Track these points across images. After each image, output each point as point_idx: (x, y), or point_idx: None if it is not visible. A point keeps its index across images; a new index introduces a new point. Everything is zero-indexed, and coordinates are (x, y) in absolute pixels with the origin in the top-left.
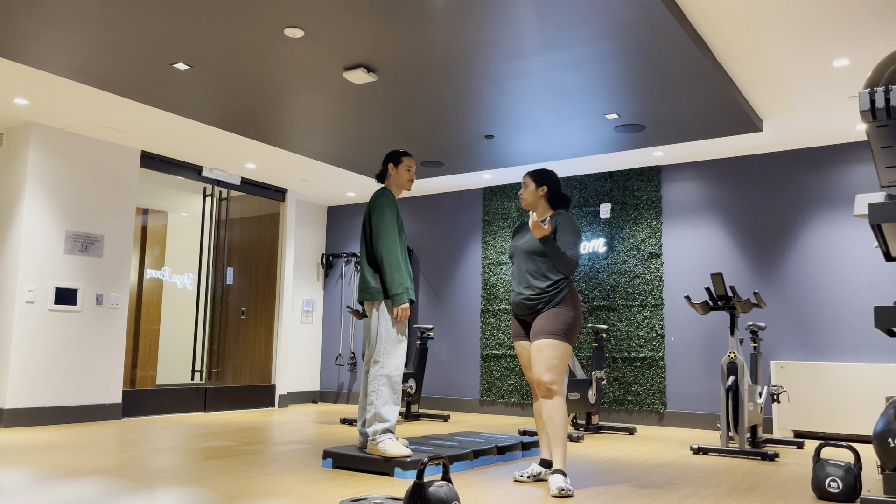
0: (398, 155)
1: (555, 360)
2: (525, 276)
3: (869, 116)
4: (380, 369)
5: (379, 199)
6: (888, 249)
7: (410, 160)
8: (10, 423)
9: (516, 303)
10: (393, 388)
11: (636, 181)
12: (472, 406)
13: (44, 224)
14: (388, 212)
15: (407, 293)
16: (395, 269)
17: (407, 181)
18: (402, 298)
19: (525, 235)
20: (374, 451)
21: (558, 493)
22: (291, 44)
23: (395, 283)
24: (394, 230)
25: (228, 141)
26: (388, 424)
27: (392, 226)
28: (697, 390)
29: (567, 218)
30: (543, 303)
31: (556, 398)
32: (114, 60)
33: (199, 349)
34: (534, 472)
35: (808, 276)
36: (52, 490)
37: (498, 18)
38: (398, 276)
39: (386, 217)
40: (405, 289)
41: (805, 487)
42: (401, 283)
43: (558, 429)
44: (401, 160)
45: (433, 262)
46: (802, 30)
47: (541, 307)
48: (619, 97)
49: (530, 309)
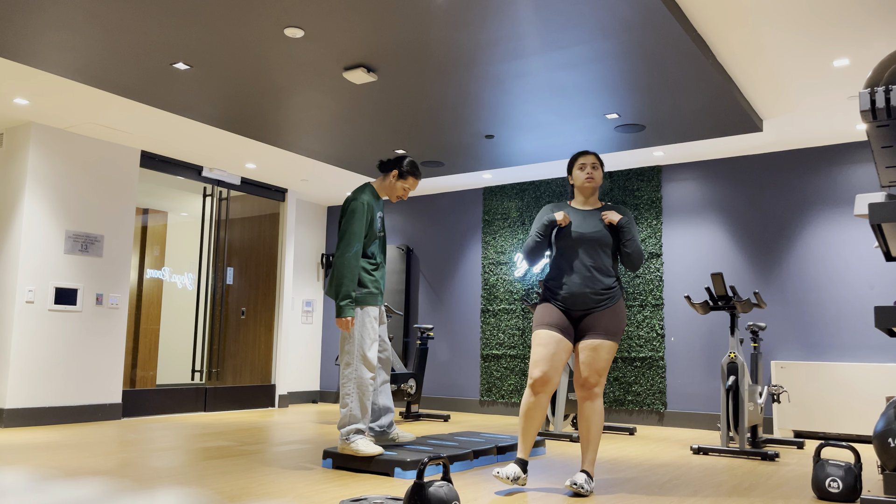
0: (410, 172)
1: (609, 362)
2: (587, 268)
3: (869, 116)
4: (352, 371)
5: (352, 204)
6: (888, 249)
7: (415, 183)
8: (10, 423)
9: (576, 294)
10: (365, 391)
11: (636, 181)
12: (472, 406)
13: (44, 224)
14: (356, 221)
15: (351, 307)
16: (344, 279)
17: (396, 196)
18: (345, 312)
19: (587, 222)
20: (345, 450)
21: (573, 486)
22: (291, 44)
23: (340, 294)
24: (356, 240)
25: (228, 141)
26: (360, 425)
27: (355, 235)
28: (698, 390)
29: (623, 208)
30: (609, 299)
31: (599, 400)
32: (114, 60)
33: (199, 349)
34: (514, 474)
35: (808, 276)
36: (52, 490)
37: (498, 18)
38: (345, 287)
39: (353, 224)
40: (349, 303)
41: (805, 487)
42: (345, 295)
43: (599, 432)
44: (406, 178)
45: (433, 262)
46: (802, 30)
47: (606, 304)
48: (619, 97)
49: (595, 304)
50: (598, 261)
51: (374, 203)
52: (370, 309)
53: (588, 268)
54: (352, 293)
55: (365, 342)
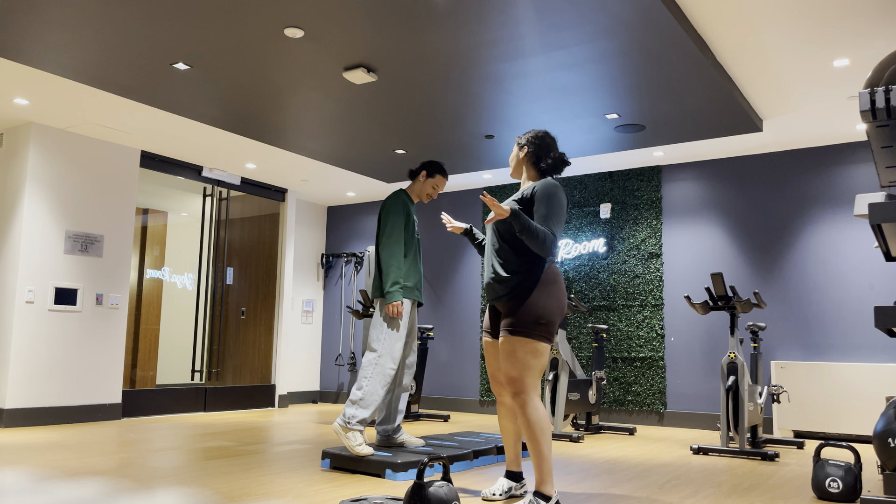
0: (437, 170)
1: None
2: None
3: (869, 116)
4: (376, 357)
5: (388, 201)
6: (888, 249)
7: (442, 181)
8: (10, 423)
9: (486, 285)
10: (384, 380)
11: (636, 181)
12: (472, 406)
13: (44, 224)
14: (395, 215)
15: (400, 292)
16: (391, 268)
17: (426, 195)
18: (394, 296)
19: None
20: (339, 432)
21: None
22: (291, 44)
23: (389, 282)
24: (397, 232)
25: (228, 141)
26: (366, 415)
27: (396, 228)
28: (697, 390)
29: (544, 186)
30: (512, 288)
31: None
32: (114, 60)
33: (199, 349)
34: (501, 489)
35: (808, 276)
36: (52, 490)
37: (498, 18)
38: (393, 274)
39: (391, 219)
40: (398, 288)
41: (805, 487)
42: (394, 281)
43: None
44: (434, 176)
45: (433, 262)
46: (802, 30)
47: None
48: (619, 97)
49: (496, 294)
50: (498, 248)
51: (409, 203)
52: (404, 302)
53: (491, 254)
54: (400, 279)
55: (395, 333)
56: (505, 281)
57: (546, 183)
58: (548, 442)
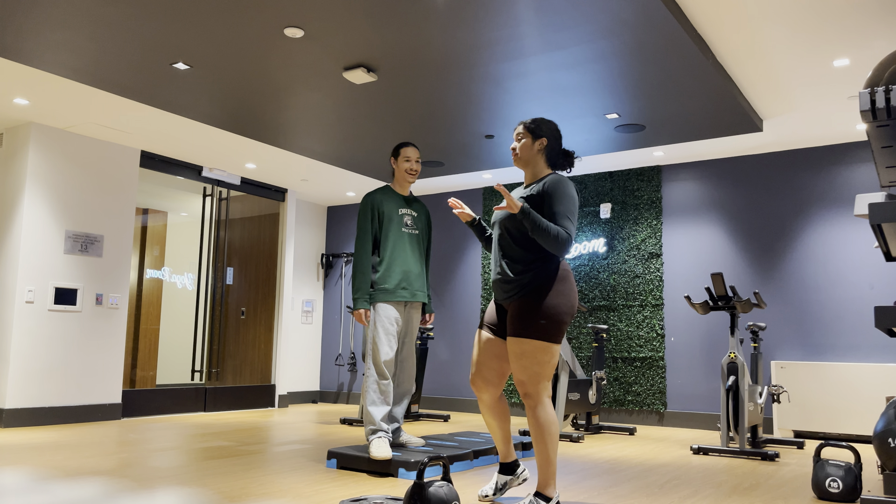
0: (397, 147)
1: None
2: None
3: (869, 116)
4: (366, 371)
5: (360, 205)
6: (888, 249)
7: (410, 150)
8: (10, 423)
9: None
10: (379, 389)
11: (636, 181)
12: (472, 406)
13: (44, 224)
14: (360, 219)
15: (362, 300)
16: (355, 277)
17: (405, 171)
18: (356, 304)
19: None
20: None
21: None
22: (291, 44)
23: (353, 289)
24: (361, 239)
25: (228, 141)
26: (374, 426)
27: (361, 233)
28: (698, 390)
29: (557, 182)
30: (519, 288)
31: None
32: (114, 60)
33: (199, 349)
34: (498, 484)
35: (808, 276)
36: (52, 490)
37: (498, 18)
38: (355, 282)
39: (358, 225)
40: (360, 296)
41: (805, 487)
42: (357, 288)
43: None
44: (399, 151)
45: (433, 262)
46: (802, 30)
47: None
48: (619, 97)
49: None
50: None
51: (385, 200)
52: (382, 307)
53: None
54: (363, 287)
55: (372, 341)
56: (513, 281)
57: (558, 179)
58: (554, 445)
